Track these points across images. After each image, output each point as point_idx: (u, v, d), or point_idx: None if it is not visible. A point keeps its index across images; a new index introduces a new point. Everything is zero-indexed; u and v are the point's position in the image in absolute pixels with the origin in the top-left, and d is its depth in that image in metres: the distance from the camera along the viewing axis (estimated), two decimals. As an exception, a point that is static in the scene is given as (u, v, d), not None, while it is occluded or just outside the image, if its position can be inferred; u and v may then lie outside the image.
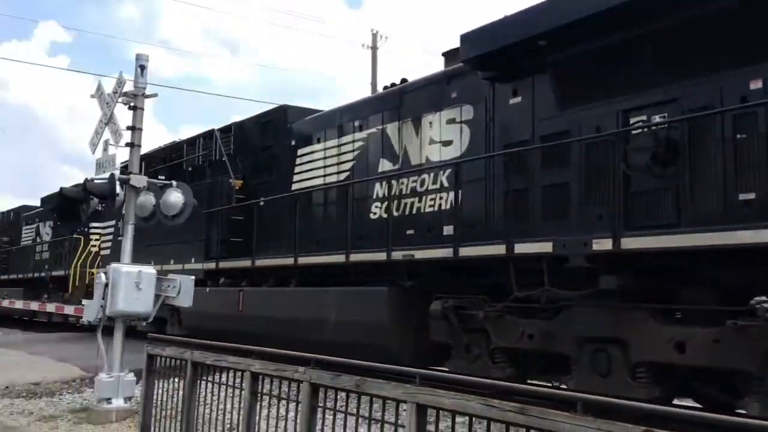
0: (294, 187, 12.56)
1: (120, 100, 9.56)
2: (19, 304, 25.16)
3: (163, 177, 14.83)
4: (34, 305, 23.51)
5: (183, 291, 9.12)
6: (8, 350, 17.34)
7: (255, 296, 12.44)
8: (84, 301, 9.86)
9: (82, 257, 20.62)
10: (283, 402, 5.22)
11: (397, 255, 9.45)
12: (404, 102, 10.58)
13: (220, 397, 5.98)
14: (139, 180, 9.52)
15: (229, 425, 5.81)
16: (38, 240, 26.39)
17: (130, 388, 8.94)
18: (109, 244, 17.59)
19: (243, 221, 13.38)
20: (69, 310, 20.45)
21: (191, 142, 15.86)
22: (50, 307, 21.99)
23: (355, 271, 10.55)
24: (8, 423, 8.85)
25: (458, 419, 3.93)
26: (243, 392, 5.51)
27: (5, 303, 26.71)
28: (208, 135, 15.05)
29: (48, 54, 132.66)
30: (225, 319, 12.58)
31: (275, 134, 13.51)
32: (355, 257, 10.25)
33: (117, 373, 8.92)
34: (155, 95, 9.85)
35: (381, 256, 9.73)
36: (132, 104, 9.58)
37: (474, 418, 3.77)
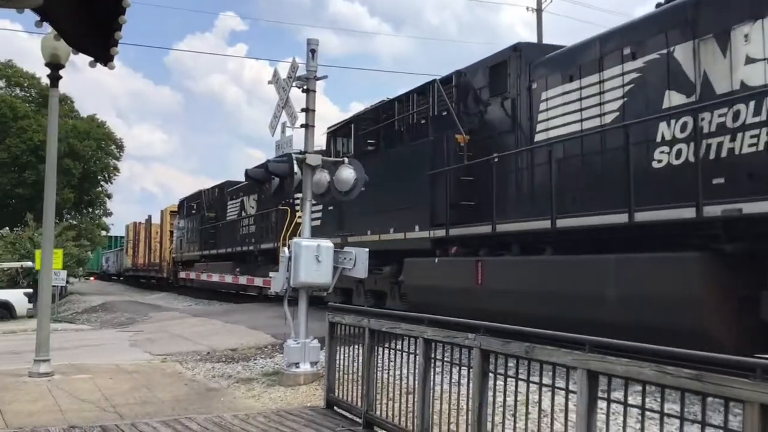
0: (538, 137, 10.60)
1: (294, 84, 10.12)
2: (215, 278, 27.13)
3: (373, 140, 14.58)
4: (229, 278, 25.25)
5: (358, 262, 9.56)
6: (209, 319, 19.05)
7: (499, 267, 10.64)
8: (271, 274, 10.60)
9: (290, 229, 19.98)
10: (456, 367, 5.39)
11: (713, 210, 7.22)
12: (701, 14, 8.21)
13: (397, 362, 6.27)
14: (314, 159, 10.04)
15: (406, 389, 6.08)
16: (243, 214, 25.79)
17: (316, 353, 9.56)
18: (318, 215, 16.09)
19: (474, 181, 11.61)
20: (258, 282, 21.83)
21: (404, 98, 14.29)
22: (242, 280, 23.54)
23: (635, 235, 8.44)
24: (211, 385, 9.79)
25: (631, 387, 3.90)
26: (417, 357, 5.75)
27: (203, 277, 28.95)
28: (425, 89, 13.40)
29: (227, 43, 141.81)
30: (458, 294, 11.02)
31: (509, 78, 11.48)
32: (642, 216, 7.99)
33: (303, 340, 9.57)
34: (325, 77, 10.33)
35: (684, 212, 7.53)
36: (305, 87, 10.11)
37: (647, 385, 3.72)
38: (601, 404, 4.04)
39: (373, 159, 13.66)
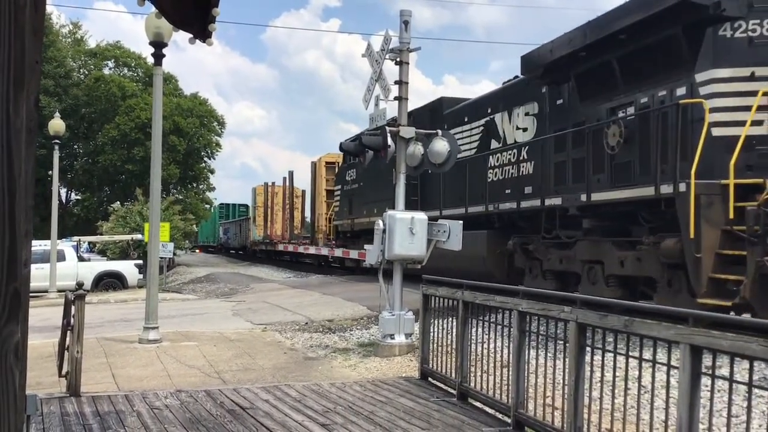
0: None
1: (387, 56, 10.10)
2: (312, 250, 27.63)
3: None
4: (325, 251, 25.67)
5: (452, 234, 9.50)
6: (307, 291, 19.49)
7: None
8: (366, 246, 10.71)
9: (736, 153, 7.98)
10: (551, 341, 5.30)
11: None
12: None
13: (491, 335, 6.23)
14: (408, 131, 10.03)
15: (500, 362, 6.04)
16: (496, 144, 13.78)
17: (410, 325, 9.63)
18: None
19: None
20: (354, 254, 22.03)
21: None
22: (338, 252, 23.88)
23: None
24: (309, 354, 10.03)
25: (737, 363, 3.72)
26: (512, 330, 5.69)
27: (300, 249, 29.46)
28: None
29: (321, 19, 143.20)
30: None
31: None
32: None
33: (398, 312, 9.65)
34: (418, 49, 10.25)
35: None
36: (398, 59, 10.07)
37: (755, 361, 3.55)
38: (705, 381, 3.89)
39: None
